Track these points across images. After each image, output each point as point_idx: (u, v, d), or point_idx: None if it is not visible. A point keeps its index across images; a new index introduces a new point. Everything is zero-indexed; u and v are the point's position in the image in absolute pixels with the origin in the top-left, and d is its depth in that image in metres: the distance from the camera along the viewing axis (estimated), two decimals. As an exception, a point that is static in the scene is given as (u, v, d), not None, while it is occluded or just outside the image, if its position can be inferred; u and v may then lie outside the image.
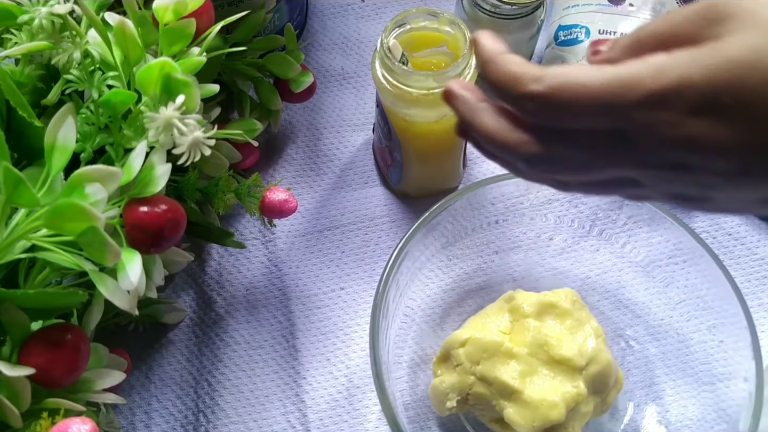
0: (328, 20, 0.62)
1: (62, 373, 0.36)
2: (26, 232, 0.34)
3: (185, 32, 0.40)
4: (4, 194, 0.32)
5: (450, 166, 0.54)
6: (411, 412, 0.48)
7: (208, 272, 0.54)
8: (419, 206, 0.56)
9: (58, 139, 0.35)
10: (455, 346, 0.46)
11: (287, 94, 0.54)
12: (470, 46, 0.41)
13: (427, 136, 0.50)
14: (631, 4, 0.57)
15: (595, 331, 0.46)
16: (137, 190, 0.37)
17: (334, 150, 0.58)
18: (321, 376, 0.51)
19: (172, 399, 0.50)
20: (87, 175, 0.34)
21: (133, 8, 0.40)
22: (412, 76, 0.44)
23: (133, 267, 0.35)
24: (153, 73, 0.37)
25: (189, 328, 0.52)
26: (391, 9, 0.63)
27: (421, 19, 0.46)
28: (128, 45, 0.38)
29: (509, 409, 0.44)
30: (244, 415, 0.50)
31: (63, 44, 0.38)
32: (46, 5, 0.38)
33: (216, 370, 0.51)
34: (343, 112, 0.59)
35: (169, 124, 0.36)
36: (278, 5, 0.54)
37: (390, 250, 0.52)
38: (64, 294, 0.36)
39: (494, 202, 0.50)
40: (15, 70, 0.40)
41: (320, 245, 0.54)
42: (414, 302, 0.50)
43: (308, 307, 0.53)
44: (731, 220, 0.55)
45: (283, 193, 0.47)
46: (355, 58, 0.61)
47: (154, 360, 0.51)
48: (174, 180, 0.47)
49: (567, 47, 0.57)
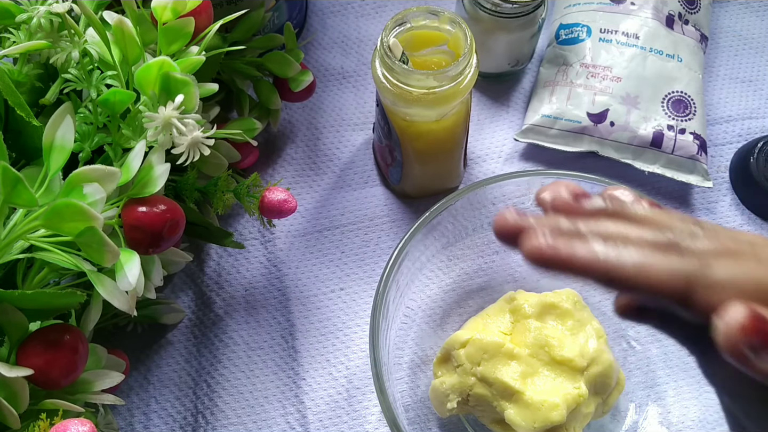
0: (327, 19, 0.62)
1: (60, 374, 0.36)
2: (24, 232, 0.34)
3: (184, 31, 0.40)
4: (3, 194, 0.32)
5: (450, 166, 0.54)
6: (411, 413, 0.48)
7: (207, 273, 0.53)
8: (419, 206, 0.55)
9: (57, 139, 0.35)
10: (456, 347, 0.46)
11: (287, 93, 0.53)
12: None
13: (428, 136, 0.49)
14: (633, 3, 0.57)
15: (596, 331, 0.46)
16: (136, 190, 0.37)
17: (334, 150, 0.57)
18: (321, 377, 0.50)
19: (171, 400, 0.50)
20: (85, 174, 0.34)
21: (131, 7, 0.39)
22: (412, 75, 0.44)
23: (131, 267, 0.35)
24: (152, 73, 0.37)
25: (188, 328, 0.52)
26: (391, 7, 0.63)
27: (421, 17, 0.46)
28: (127, 44, 0.38)
29: (510, 410, 0.44)
30: (243, 416, 0.49)
31: (61, 43, 0.38)
32: (45, 4, 0.38)
33: (215, 370, 0.51)
34: (343, 112, 0.59)
35: (168, 124, 0.36)
36: (277, 4, 0.54)
37: (390, 250, 0.52)
38: (63, 294, 0.36)
39: (495, 202, 0.50)
40: (13, 70, 0.40)
41: (320, 245, 0.54)
42: (414, 303, 0.50)
43: (308, 308, 0.52)
44: (734, 220, 0.55)
45: (283, 193, 0.47)
46: (355, 57, 0.61)
47: (152, 361, 0.51)
48: (173, 180, 0.47)
49: (568, 46, 0.57)
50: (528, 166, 0.57)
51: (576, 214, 0.29)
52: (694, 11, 0.58)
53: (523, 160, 0.57)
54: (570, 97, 0.55)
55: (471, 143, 0.57)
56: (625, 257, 0.26)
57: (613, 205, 0.29)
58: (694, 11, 0.58)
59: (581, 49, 0.56)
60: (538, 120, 0.56)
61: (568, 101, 0.55)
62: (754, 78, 0.60)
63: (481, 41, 0.54)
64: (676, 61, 0.55)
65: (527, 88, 0.60)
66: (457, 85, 0.45)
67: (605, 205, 0.29)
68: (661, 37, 0.56)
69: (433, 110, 0.46)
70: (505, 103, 0.59)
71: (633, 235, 0.27)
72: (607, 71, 0.55)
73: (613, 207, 0.29)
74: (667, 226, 0.28)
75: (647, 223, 0.28)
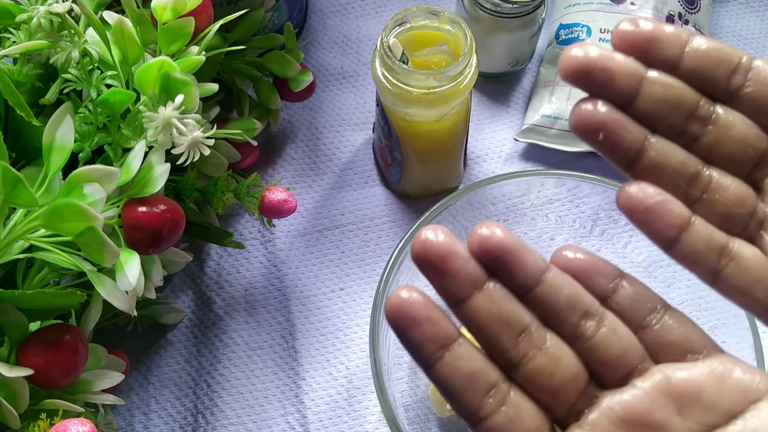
0: (327, 19, 0.62)
1: (61, 374, 0.36)
2: (24, 232, 0.34)
3: (184, 31, 0.40)
4: (3, 194, 0.32)
5: (450, 166, 0.54)
6: (411, 413, 0.48)
7: (207, 273, 0.53)
8: (419, 206, 0.55)
9: (57, 139, 0.35)
10: (456, 347, 0.46)
11: (287, 93, 0.53)
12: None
13: (428, 136, 0.49)
14: (633, 3, 0.57)
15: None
16: (136, 190, 0.37)
17: (334, 149, 0.57)
18: (321, 377, 0.50)
19: (171, 400, 0.50)
20: (85, 174, 0.34)
21: (131, 7, 0.39)
22: (412, 75, 0.44)
23: (131, 267, 0.35)
24: (152, 73, 0.37)
25: (188, 328, 0.52)
26: (391, 7, 0.63)
27: (421, 17, 0.46)
28: (127, 44, 0.38)
29: (510, 410, 0.44)
30: (243, 416, 0.49)
31: (61, 43, 0.38)
32: (45, 4, 0.38)
33: (215, 371, 0.51)
34: (343, 112, 0.59)
35: (168, 124, 0.36)
36: (277, 4, 0.54)
37: (390, 250, 0.52)
38: (63, 294, 0.36)
39: (495, 202, 0.50)
40: (13, 70, 0.40)
41: (320, 245, 0.54)
42: (414, 302, 0.50)
43: (308, 308, 0.52)
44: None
45: (283, 193, 0.47)
46: (355, 57, 0.61)
47: (152, 361, 0.51)
48: (173, 180, 0.47)
49: (568, 46, 0.57)
50: (528, 166, 0.57)
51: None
52: (694, 11, 0.58)
53: (523, 160, 0.57)
54: (570, 97, 0.55)
55: (471, 143, 0.57)
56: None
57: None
58: (694, 11, 0.58)
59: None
60: (538, 120, 0.56)
61: (568, 101, 0.55)
62: (754, 78, 0.60)
63: (481, 41, 0.54)
64: (676, 61, 0.55)
65: (527, 88, 0.60)
66: (457, 85, 0.45)
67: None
68: (661, 37, 0.56)
69: (433, 110, 0.46)
70: (505, 103, 0.59)
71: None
72: (607, 71, 0.55)
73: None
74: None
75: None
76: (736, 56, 0.26)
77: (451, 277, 0.25)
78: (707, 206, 0.26)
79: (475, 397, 0.25)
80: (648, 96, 0.25)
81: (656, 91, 0.25)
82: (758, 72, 0.26)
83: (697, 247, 0.25)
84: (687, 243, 0.25)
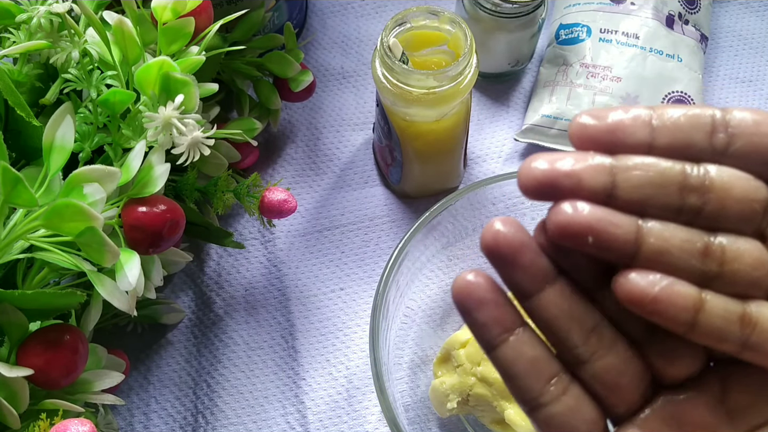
0: (327, 19, 0.62)
1: (60, 374, 0.36)
2: (24, 232, 0.34)
3: (184, 31, 0.39)
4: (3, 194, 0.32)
5: (450, 166, 0.54)
6: (411, 413, 0.48)
7: (207, 273, 0.53)
8: (419, 206, 0.55)
9: (57, 139, 0.35)
10: (456, 347, 0.46)
11: (287, 93, 0.53)
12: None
13: (427, 136, 0.49)
14: (633, 3, 0.57)
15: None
16: (136, 190, 0.37)
17: (334, 150, 0.57)
18: (321, 377, 0.50)
19: (171, 400, 0.50)
20: (85, 174, 0.34)
21: (131, 7, 0.39)
22: (412, 75, 0.44)
23: (131, 267, 0.35)
24: (152, 73, 0.37)
25: (188, 328, 0.52)
26: (391, 7, 0.63)
27: (421, 17, 0.46)
28: (127, 44, 0.38)
29: (510, 410, 0.44)
30: (243, 416, 0.49)
31: (61, 43, 0.38)
32: (45, 4, 0.38)
33: (215, 371, 0.51)
34: (343, 112, 0.59)
35: (168, 124, 0.36)
36: (277, 4, 0.54)
37: (390, 250, 0.52)
38: (63, 294, 0.36)
39: (495, 202, 0.50)
40: (13, 70, 0.40)
41: (320, 245, 0.54)
42: (414, 303, 0.50)
43: (308, 308, 0.52)
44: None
45: (283, 193, 0.47)
46: (355, 57, 0.61)
47: (152, 361, 0.51)
48: (173, 180, 0.47)
49: (568, 46, 0.57)
50: (528, 166, 0.57)
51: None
52: (694, 11, 0.58)
53: (523, 160, 0.57)
54: (570, 97, 0.55)
55: (471, 143, 0.57)
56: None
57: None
58: (694, 11, 0.58)
59: (581, 49, 0.56)
60: (538, 120, 0.56)
61: (568, 101, 0.55)
62: (754, 78, 0.60)
63: (481, 41, 0.54)
64: (676, 61, 0.55)
65: (527, 88, 0.60)
66: (457, 85, 0.45)
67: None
68: (661, 37, 0.56)
69: (433, 110, 0.46)
70: (505, 103, 0.59)
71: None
72: (607, 71, 0.55)
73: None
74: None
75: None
76: (708, 114, 0.24)
77: (522, 270, 0.25)
78: (729, 278, 0.24)
79: (537, 383, 0.25)
80: (626, 184, 0.23)
81: (634, 177, 0.23)
82: (738, 125, 0.24)
83: (716, 323, 0.23)
84: (705, 322, 0.23)
